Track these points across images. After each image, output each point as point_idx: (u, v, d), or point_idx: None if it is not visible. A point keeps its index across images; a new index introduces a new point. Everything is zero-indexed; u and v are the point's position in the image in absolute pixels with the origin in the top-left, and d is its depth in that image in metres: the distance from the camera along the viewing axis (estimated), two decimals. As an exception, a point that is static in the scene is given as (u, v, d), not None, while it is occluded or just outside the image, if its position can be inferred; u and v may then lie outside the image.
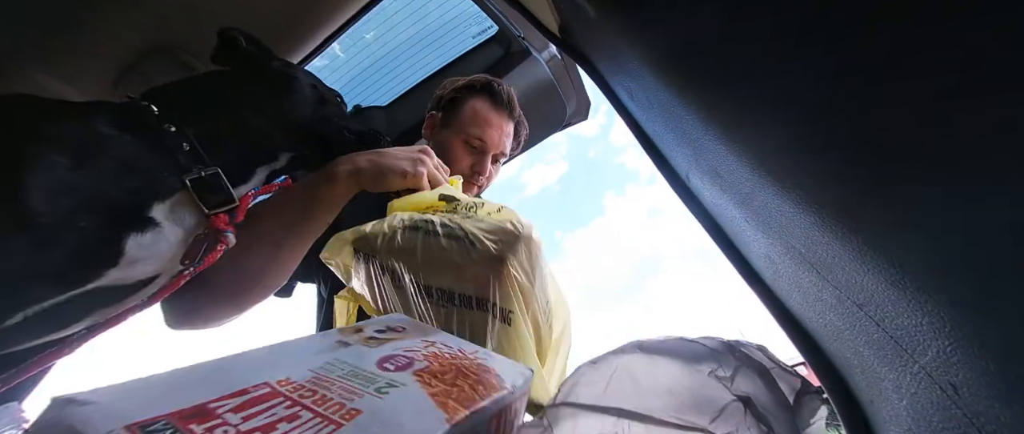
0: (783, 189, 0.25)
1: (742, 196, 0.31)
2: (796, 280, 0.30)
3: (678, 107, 0.34)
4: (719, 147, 0.30)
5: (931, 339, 0.19)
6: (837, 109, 0.19)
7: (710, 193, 0.38)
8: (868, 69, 0.17)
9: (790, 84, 0.21)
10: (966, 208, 0.15)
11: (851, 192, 0.20)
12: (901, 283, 0.19)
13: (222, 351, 0.28)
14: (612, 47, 0.45)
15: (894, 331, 0.21)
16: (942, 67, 0.14)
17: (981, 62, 0.13)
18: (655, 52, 0.34)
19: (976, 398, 0.18)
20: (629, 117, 0.51)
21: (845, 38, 0.17)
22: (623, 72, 0.45)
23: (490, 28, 1.15)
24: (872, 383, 0.27)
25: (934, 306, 0.18)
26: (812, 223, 0.23)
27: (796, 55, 0.20)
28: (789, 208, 0.25)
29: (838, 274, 0.23)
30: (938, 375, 0.19)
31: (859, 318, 0.24)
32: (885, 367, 0.24)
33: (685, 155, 0.39)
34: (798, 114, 0.22)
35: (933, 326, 0.18)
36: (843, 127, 0.19)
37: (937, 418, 0.21)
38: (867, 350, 0.25)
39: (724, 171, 0.32)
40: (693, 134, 0.34)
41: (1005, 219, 0.14)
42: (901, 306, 0.20)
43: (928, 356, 0.20)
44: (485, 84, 0.86)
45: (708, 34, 0.27)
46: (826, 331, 0.30)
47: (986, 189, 0.14)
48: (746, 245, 0.37)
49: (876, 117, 0.17)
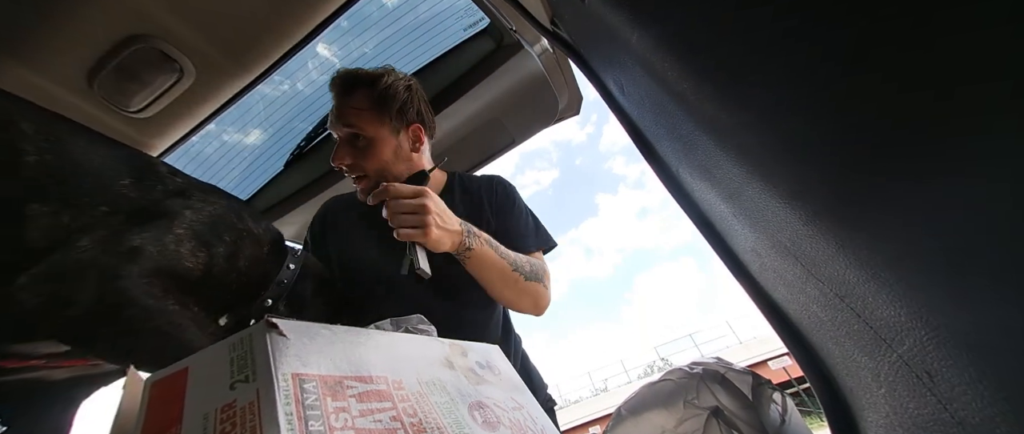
0: (770, 185, 0.25)
1: (730, 191, 0.31)
2: (781, 273, 0.31)
3: (668, 103, 0.34)
4: (709, 143, 0.30)
5: (908, 330, 0.19)
6: (824, 108, 0.19)
7: (699, 187, 0.39)
8: (854, 69, 0.17)
9: (779, 82, 0.22)
10: (944, 206, 0.16)
11: (836, 188, 0.21)
12: (881, 277, 0.19)
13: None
14: (603, 41, 0.44)
15: (874, 322, 0.22)
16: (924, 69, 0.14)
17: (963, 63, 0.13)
18: (646, 47, 0.34)
19: (949, 384, 0.19)
20: (620, 111, 0.51)
21: (833, 41, 0.17)
22: (614, 66, 0.45)
23: (481, 21, 1.14)
24: (852, 372, 0.28)
25: (912, 299, 0.18)
26: (798, 218, 0.24)
27: (786, 54, 0.20)
28: (776, 203, 0.25)
29: (822, 268, 0.24)
30: (915, 363, 0.20)
31: (841, 310, 0.25)
32: (865, 357, 0.25)
33: (675, 150, 0.40)
34: (787, 112, 0.22)
35: (911, 317, 0.19)
36: (830, 125, 0.20)
37: (913, 404, 0.22)
38: (848, 341, 0.26)
39: (713, 166, 0.32)
40: (683, 129, 0.34)
41: (981, 217, 0.14)
42: (881, 298, 0.20)
43: (905, 346, 0.20)
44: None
45: (698, 31, 0.27)
46: (810, 322, 0.31)
47: (962, 188, 0.15)
48: (734, 239, 0.38)
49: (860, 117, 0.18)
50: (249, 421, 0.19)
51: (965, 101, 0.14)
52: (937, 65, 0.14)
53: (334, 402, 0.22)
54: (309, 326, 0.25)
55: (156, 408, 0.22)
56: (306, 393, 0.21)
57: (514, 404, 0.36)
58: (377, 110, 0.80)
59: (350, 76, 0.82)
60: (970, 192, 0.15)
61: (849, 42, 0.17)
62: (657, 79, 0.34)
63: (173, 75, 0.91)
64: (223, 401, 0.20)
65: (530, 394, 0.40)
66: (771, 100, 0.23)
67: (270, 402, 0.19)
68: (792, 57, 0.20)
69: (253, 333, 0.23)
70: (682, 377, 0.41)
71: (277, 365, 0.21)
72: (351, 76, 0.82)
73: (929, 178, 0.16)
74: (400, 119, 0.83)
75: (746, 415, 0.36)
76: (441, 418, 0.27)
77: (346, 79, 0.81)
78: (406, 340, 0.33)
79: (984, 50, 0.13)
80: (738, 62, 0.24)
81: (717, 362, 0.41)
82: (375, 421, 0.22)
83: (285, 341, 0.23)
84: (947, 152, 0.15)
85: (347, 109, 0.79)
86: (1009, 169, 0.13)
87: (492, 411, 0.32)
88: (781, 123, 0.23)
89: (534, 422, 0.35)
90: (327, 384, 0.22)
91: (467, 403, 0.30)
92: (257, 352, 0.22)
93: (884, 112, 0.16)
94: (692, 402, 0.38)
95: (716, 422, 0.36)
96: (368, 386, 0.24)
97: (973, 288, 0.16)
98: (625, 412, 0.41)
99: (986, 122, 0.13)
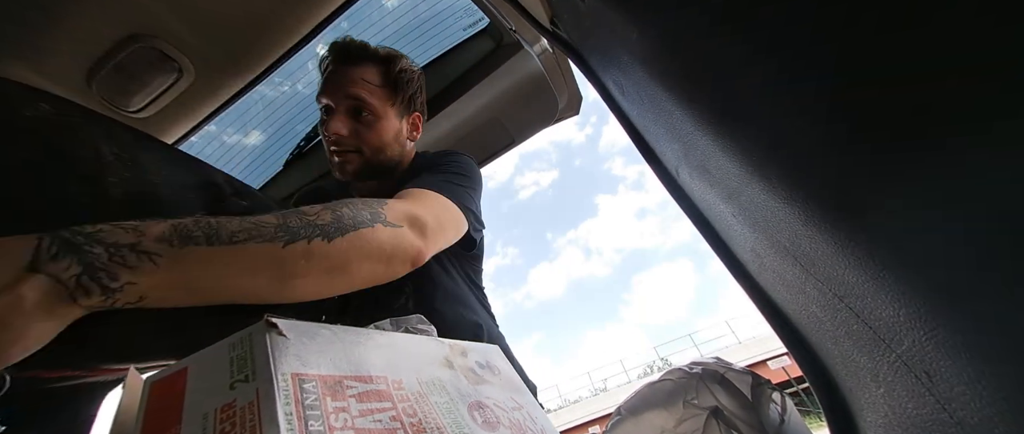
0: (770, 185, 0.25)
1: (730, 191, 0.31)
2: (781, 273, 0.31)
3: (668, 102, 0.34)
4: (708, 143, 0.30)
5: (907, 330, 0.19)
6: (823, 109, 0.19)
7: (699, 187, 0.39)
8: (852, 73, 0.17)
9: (779, 81, 0.22)
10: (943, 206, 0.16)
11: (835, 188, 0.21)
12: (881, 277, 0.19)
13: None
14: (603, 42, 0.44)
15: (873, 322, 0.22)
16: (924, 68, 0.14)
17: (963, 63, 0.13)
18: (645, 48, 0.34)
19: (948, 384, 0.19)
20: (619, 111, 0.51)
21: (832, 42, 0.17)
22: (614, 66, 0.45)
23: (481, 20, 1.14)
24: (851, 372, 0.28)
25: (911, 299, 0.18)
26: (797, 218, 0.24)
27: (784, 55, 0.20)
28: (775, 203, 0.25)
29: (821, 268, 0.24)
30: (914, 363, 0.20)
31: (840, 310, 0.25)
32: (864, 357, 0.25)
33: (674, 150, 0.40)
34: (786, 112, 0.22)
35: (909, 317, 0.19)
36: (829, 126, 0.20)
37: (912, 404, 0.22)
38: (847, 341, 0.26)
39: (713, 166, 0.32)
40: (682, 129, 0.34)
41: (980, 217, 0.14)
42: (880, 299, 0.20)
43: (904, 346, 0.20)
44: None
45: (698, 31, 0.27)
46: (809, 323, 0.31)
47: (962, 188, 0.15)
48: (733, 239, 0.38)
49: (861, 118, 0.18)
50: (249, 421, 0.19)
51: (965, 101, 0.14)
52: (937, 65, 0.14)
53: (334, 402, 0.22)
54: (309, 326, 0.25)
55: (156, 408, 0.22)
56: (306, 393, 0.21)
57: (514, 404, 0.36)
58: (390, 89, 0.77)
59: (359, 48, 0.77)
60: (969, 192, 0.15)
61: (849, 42, 0.17)
62: (657, 79, 0.34)
63: (172, 75, 0.91)
64: (223, 401, 0.20)
65: (530, 394, 0.40)
66: (770, 100, 0.23)
67: (270, 402, 0.19)
68: (792, 56, 0.20)
69: (252, 333, 0.23)
70: (681, 377, 0.41)
71: (277, 365, 0.21)
72: (360, 48, 0.77)
73: (928, 178, 0.16)
74: (408, 106, 0.81)
75: (746, 415, 0.36)
76: (441, 418, 0.27)
77: (354, 49, 0.76)
78: (406, 340, 0.33)
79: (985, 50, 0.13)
80: (738, 62, 0.24)
81: (716, 362, 0.41)
82: (375, 421, 0.23)
83: (285, 341, 0.23)
84: (946, 152, 0.15)
85: (357, 79, 0.74)
86: (1008, 169, 0.13)
87: (492, 411, 0.32)
88: (780, 123, 0.23)
89: (534, 422, 0.35)
90: (327, 384, 0.22)
91: (467, 403, 0.31)
92: (257, 352, 0.22)
93: (883, 112, 0.16)
94: (691, 402, 0.38)
95: (715, 422, 0.36)
96: (368, 386, 0.24)
97: (972, 288, 0.16)
98: (625, 412, 0.41)
99: (986, 122, 0.13)
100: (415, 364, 0.30)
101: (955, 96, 0.14)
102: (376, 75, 0.77)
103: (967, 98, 0.13)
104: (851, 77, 0.17)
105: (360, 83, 0.74)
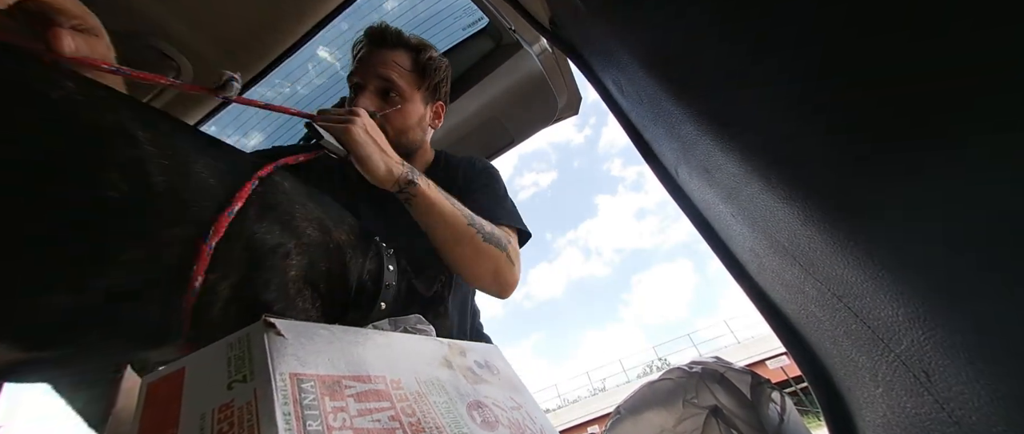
0: (769, 185, 0.25)
1: (729, 191, 0.31)
2: (779, 273, 0.31)
3: (667, 102, 0.34)
4: (707, 142, 0.30)
5: (906, 329, 0.20)
6: (822, 109, 0.19)
7: (698, 187, 0.39)
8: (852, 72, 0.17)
9: (778, 82, 0.22)
10: (942, 206, 0.16)
11: (834, 188, 0.21)
12: (879, 276, 0.19)
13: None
14: (602, 41, 0.44)
15: (872, 322, 0.22)
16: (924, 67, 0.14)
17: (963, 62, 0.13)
18: (645, 48, 0.34)
19: (947, 384, 0.19)
20: (619, 111, 0.51)
21: (832, 41, 0.17)
22: (613, 66, 0.45)
23: (480, 20, 1.14)
24: (850, 371, 0.28)
25: (910, 298, 0.18)
26: (796, 218, 0.24)
27: (784, 55, 0.20)
28: (774, 203, 0.25)
29: (820, 267, 0.24)
30: (912, 363, 0.20)
31: (839, 310, 0.25)
32: (862, 356, 0.25)
33: (674, 150, 0.40)
34: (785, 112, 0.22)
35: (908, 317, 0.19)
36: (829, 126, 0.20)
37: (910, 403, 0.22)
38: (846, 340, 0.26)
39: (712, 167, 0.32)
40: (682, 129, 0.34)
41: (979, 217, 0.14)
42: (879, 298, 0.20)
43: (903, 345, 0.20)
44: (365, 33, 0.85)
45: (697, 31, 0.27)
46: (808, 322, 0.31)
47: (960, 188, 0.15)
48: (732, 239, 0.38)
49: (860, 117, 0.18)
50: (247, 421, 0.19)
51: (965, 101, 0.14)
52: (937, 65, 0.14)
53: (332, 402, 0.22)
54: (307, 326, 0.25)
55: (153, 408, 0.22)
56: (304, 393, 0.21)
57: (513, 404, 0.36)
58: (418, 75, 0.81)
59: (394, 33, 0.82)
60: (968, 192, 0.15)
61: (849, 41, 0.17)
62: (656, 79, 0.34)
63: (170, 74, 0.91)
64: (220, 401, 0.20)
65: (529, 394, 0.40)
66: (770, 100, 0.23)
67: (268, 402, 0.19)
68: (792, 56, 0.20)
69: (251, 333, 0.23)
70: (681, 376, 0.41)
71: (275, 365, 0.21)
72: (395, 34, 0.82)
73: (928, 178, 0.16)
74: (433, 93, 0.84)
75: (745, 414, 0.36)
76: (440, 418, 0.27)
77: (389, 33, 0.81)
78: (404, 340, 0.33)
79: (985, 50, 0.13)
80: (738, 62, 0.24)
81: (716, 361, 0.41)
82: (373, 421, 0.22)
83: (283, 341, 0.23)
84: (946, 152, 0.15)
85: (388, 61, 0.79)
86: (1008, 169, 0.13)
87: (491, 411, 0.32)
88: (780, 123, 0.23)
89: (533, 422, 0.35)
90: (325, 384, 0.22)
91: (466, 403, 0.31)
92: (255, 352, 0.22)
93: (883, 112, 0.16)
94: (691, 401, 0.38)
95: (715, 421, 0.36)
96: (366, 386, 0.24)
97: (971, 288, 0.16)
98: (624, 411, 0.41)
99: (986, 122, 0.13)
100: (414, 364, 0.30)
101: (955, 96, 0.14)
102: (407, 60, 0.81)
103: (967, 98, 0.13)
104: (851, 77, 0.17)
105: (392, 65, 0.79)
